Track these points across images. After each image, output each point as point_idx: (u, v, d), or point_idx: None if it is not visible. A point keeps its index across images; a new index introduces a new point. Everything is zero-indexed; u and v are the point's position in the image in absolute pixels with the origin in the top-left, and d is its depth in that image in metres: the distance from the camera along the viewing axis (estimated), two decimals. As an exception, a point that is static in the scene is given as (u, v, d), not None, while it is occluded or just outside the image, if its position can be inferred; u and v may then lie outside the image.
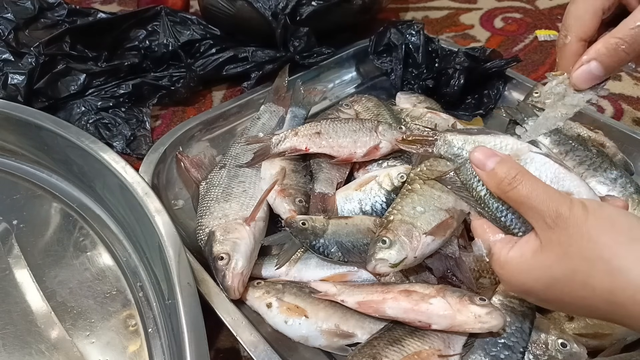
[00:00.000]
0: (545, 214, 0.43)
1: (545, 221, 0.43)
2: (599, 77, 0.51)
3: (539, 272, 0.44)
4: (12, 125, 0.74)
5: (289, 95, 0.92)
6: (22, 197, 0.75)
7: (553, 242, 0.43)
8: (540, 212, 0.43)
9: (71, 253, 0.69)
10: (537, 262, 0.44)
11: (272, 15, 0.98)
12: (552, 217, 0.43)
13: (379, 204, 0.68)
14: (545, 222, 0.43)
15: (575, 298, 0.42)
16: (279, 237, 0.68)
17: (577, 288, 0.42)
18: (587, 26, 0.51)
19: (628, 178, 0.74)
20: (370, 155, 0.75)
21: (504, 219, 0.51)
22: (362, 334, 0.59)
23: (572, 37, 0.51)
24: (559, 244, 0.42)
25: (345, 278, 0.65)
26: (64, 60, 0.93)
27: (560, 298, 0.44)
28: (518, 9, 1.37)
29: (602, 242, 0.40)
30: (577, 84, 0.52)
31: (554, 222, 0.42)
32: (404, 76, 1.00)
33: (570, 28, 0.52)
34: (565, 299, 0.44)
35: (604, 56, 0.49)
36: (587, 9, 0.51)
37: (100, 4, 1.39)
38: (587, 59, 0.50)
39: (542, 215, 0.43)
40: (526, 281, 0.45)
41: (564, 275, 0.42)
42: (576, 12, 0.52)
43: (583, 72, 0.51)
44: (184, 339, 0.48)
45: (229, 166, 0.77)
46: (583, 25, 0.51)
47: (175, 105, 1.01)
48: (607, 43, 0.48)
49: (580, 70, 0.51)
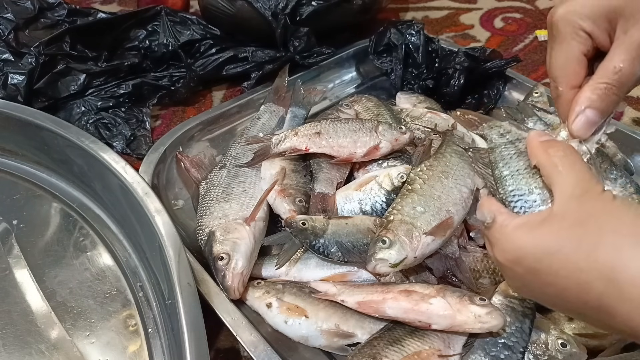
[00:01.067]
0: (578, 182, 0.43)
1: (574, 189, 0.42)
2: (597, 122, 0.49)
3: (542, 237, 0.42)
4: (13, 125, 0.74)
5: (289, 95, 0.92)
6: (22, 197, 0.75)
7: (571, 211, 0.41)
8: (574, 179, 0.43)
9: (71, 253, 0.69)
10: (544, 227, 0.42)
11: (272, 15, 0.98)
12: (583, 187, 0.42)
13: (379, 204, 0.68)
14: (573, 190, 0.42)
15: (572, 272, 0.40)
16: (279, 237, 0.68)
17: (579, 259, 0.39)
18: (575, 74, 0.49)
19: (628, 178, 0.74)
20: (370, 155, 0.75)
21: (514, 204, 0.52)
22: (362, 334, 0.59)
23: (564, 88, 0.49)
24: (577, 212, 0.41)
25: (345, 278, 0.65)
26: (64, 60, 0.94)
27: (554, 271, 0.41)
28: (518, 9, 1.37)
29: (622, 219, 0.40)
30: (580, 135, 0.50)
31: (582, 192, 0.42)
32: (404, 76, 1.00)
33: (558, 79, 0.50)
34: (559, 273, 0.41)
35: (597, 102, 0.47)
36: (568, 58, 0.49)
37: (100, 4, 1.38)
38: (580, 109, 0.48)
39: (574, 182, 0.43)
40: (523, 245, 0.43)
41: (570, 242, 0.40)
42: (557, 63, 0.50)
43: (581, 123, 0.49)
44: (184, 339, 0.48)
45: (229, 166, 0.77)
46: (570, 74, 0.49)
47: (175, 105, 1.01)
48: (596, 89, 0.47)
49: (577, 121, 0.49)
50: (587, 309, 0.41)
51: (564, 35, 0.48)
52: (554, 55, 0.49)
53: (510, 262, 0.44)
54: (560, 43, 0.48)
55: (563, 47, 0.48)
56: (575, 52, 0.48)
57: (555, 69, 0.50)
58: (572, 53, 0.48)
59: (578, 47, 0.48)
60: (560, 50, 0.49)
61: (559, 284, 0.41)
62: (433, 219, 0.61)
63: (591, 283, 0.39)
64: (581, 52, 0.48)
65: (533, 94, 0.91)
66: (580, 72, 0.48)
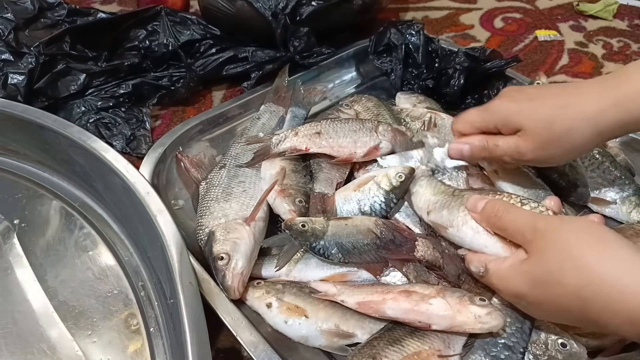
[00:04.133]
0: (525, 231, 0.51)
1: (525, 237, 0.51)
2: (465, 157, 0.66)
3: (524, 276, 0.50)
4: (14, 125, 0.74)
5: (289, 95, 0.92)
6: (23, 196, 0.75)
7: (533, 251, 0.50)
8: (521, 231, 0.51)
9: (73, 252, 0.69)
10: (522, 268, 0.50)
11: (272, 15, 0.98)
12: (530, 232, 0.50)
13: (378, 204, 0.68)
14: (525, 237, 0.51)
15: (552, 297, 0.48)
16: (279, 238, 0.68)
17: (552, 287, 0.47)
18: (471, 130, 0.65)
19: (628, 179, 0.74)
20: (370, 155, 0.75)
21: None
22: (362, 334, 0.59)
23: (457, 130, 0.67)
24: (537, 251, 0.49)
25: (345, 278, 0.65)
26: (64, 60, 0.94)
27: (541, 299, 0.49)
28: (518, 9, 1.38)
29: (572, 243, 0.47)
30: (451, 155, 0.67)
31: (533, 236, 0.50)
32: (404, 76, 1.00)
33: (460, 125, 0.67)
34: (545, 299, 0.49)
35: (475, 148, 0.64)
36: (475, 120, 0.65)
37: (100, 4, 1.39)
38: (463, 141, 0.65)
39: (522, 232, 0.51)
40: (515, 285, 0.51)
41: (542, 274, 0.48)
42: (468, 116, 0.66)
43: (455, 148, 0.66)
44: (186, 339, 0.48)
45: (229, 166, 0.77)
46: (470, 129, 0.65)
47: (175, 105, 1.01)
48: (481, 141, 0.63)
49: (454, 145, 0.66)
50: (581, 322, 0.49)
51: (485, 116, 0.64)
52: (470, 111, 0.66)
53: (513, 300, 0.54)
54: (478, 108, 0.65)
55: (476, 110, 0.65)
56: (478, 119, 0.64)
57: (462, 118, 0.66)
58: (477, 117, 0.64)
59: (480, 124, 0.64)
60: (474, 110, 0.65)
61: (548, 307, 0.49)
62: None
63: (568, 304, 0.46)
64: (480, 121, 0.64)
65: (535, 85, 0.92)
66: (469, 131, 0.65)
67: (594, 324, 0.46)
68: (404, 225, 0.69)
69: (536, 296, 0.49)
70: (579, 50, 1.20)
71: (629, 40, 1.23)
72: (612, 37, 1.24)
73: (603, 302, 0.44)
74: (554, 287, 0.47)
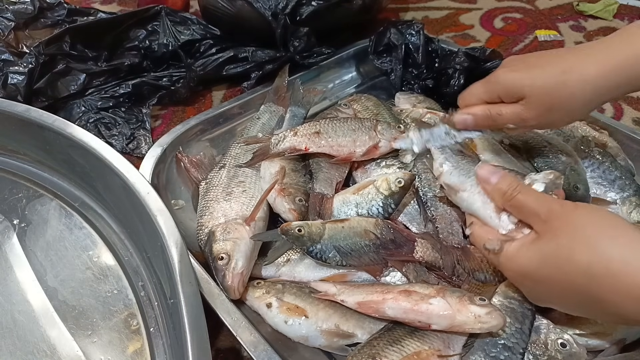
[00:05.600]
0: (540, 211, 0.51)
1: (540, 217, 0.51)
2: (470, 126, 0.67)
3: (533, 254, 0.51)
4: (14, 125, 0.74)
5: (289, 95, 0.92)
6: (23, 196, 0.76)
7: (546, 230, 0.50)
8: (536, 211, 0.51)
9: (73, 252, 0.69)
10: (532, 246, 0.51)
11: (272, 15, 0.98)
12: (545, 213, 0.50)
13: (376, 208, 0.68)
14: (540, 218, 0.51)
15: (559, 274, 0.48)
16: (270, 234, 0.68)
17: (561, 263, 0.48)
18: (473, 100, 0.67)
19: (628, 179, 0.74)
20: (369, 154, 0.75)
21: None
22: (362, 334, 0.59)
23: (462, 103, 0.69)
24: (551, 230, 0.49)
25: (345, 278, 0.65)
26: (64, 60, 0.94)
27: (548, 277, 0.50)
28: (518, 9, 1.38)
29: (586, 224, 0.48)
30: (455, 122, 0.68)
31: (547, 216, 0.50)
32: (403, 76, 1.00)
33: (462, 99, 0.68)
34: (552, 277, 0.49)
35: (479, 118, 0.66)
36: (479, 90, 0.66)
37: (100, 4, 1.39)
38: (466, 112, 0.67)
39: (537, 213, 0.51)
40: (523, 263, 0.52)
41: (552, 251, 0.49)
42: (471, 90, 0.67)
43: (460, 118, 0.67)
44: (186, 339, 0.48)
45: (228, 166, 0.77)
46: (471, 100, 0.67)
47: (175, 105, 1.02)
48: (484, 110, 0.65)
49: (458, 115, 0.68)
50: (583, 304, 0.49)
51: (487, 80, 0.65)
52: (474, 84, 0.67)
53: (520, 278, 0.53)
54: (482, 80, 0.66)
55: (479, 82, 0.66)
56: (481, 90, 0.65)
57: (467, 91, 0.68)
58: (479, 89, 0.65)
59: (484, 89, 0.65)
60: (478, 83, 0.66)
61: (556, 287, 0.50)
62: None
63: (577, 282, 0.47)
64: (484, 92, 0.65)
65: None
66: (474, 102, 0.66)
67: (597, 303, 0.47)
68: (402, 226, 0.69)
69: (543, 274, 0.50)
70: (579, 50, 1.20)
71: (629, 40, 1.22)
72: (612, 37, 1.24)
73: (610, 279, 0.44)
74: (564, 263, 0.47)
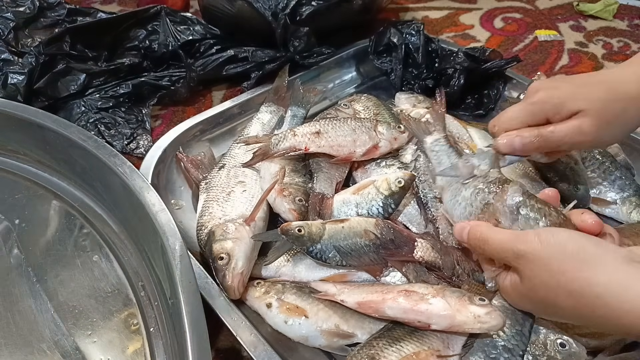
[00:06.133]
0: (510, 258, 0.51)
1: (511, 263, 0.52)
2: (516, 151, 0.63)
3: (524, 297, 0.53)
4: (14, 125, 0.74)
5: (289, 95, 0.92)
6: (23, 196, 0.75)
7: (524, 277, 0.51)
8: (507, 259, 0.52)
9: (73, 252, 0.69)
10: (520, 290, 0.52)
11: (272, 15, 0.98)
12: (513, 258, 0.51)
13: (376, 209, 0.68)
14: (511, 264, 0.52)
15: (553, 315, 0.53)
16: (270, 234, 0.68)
17: (551, 309, 0.50)
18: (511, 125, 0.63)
19: (629, 179, 0.75)
20: (369, 154, 0.75)
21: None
22: (362, 334, 0.59)
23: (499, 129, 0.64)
24: (527, 278, 0.50)
25: (345, 278, 0.65)
26: (64, 60, 0.94)
27: (544, 315, 0.55)
28: (518, 9, 1.38)
29: (557, 269, 0.47)
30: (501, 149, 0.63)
31: (518, 262, 0.50)
32: (403, 76, 1.00)
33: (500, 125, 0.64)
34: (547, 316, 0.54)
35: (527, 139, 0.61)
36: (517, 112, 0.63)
37: (100, 4, 1.39)
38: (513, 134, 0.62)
39: (507, 259, 0.52)
40: (519, 304, 0.55)
41: (539, 299, 0.50)
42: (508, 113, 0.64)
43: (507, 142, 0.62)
44: (186, 339, 0.48)
45: (228, 166, 0.77)
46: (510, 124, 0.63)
47: (175, 105, 1.02)
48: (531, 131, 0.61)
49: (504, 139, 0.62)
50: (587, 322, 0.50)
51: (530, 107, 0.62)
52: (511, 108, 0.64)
53: (521, 307, 0.55)
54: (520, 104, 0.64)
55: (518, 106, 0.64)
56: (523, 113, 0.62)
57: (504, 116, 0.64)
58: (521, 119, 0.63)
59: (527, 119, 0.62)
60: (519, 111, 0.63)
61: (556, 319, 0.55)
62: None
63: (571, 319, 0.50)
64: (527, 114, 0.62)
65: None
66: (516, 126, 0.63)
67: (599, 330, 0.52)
68: (402, 226, 0.69)
69: (539, 313, 0.55)
70: (578, 50, 1.20)
71: (629, 40, 1.23)
72: (612, 37, 1.24)
73: (601, 319, 0.45)
74: (553, 309, 0.50)
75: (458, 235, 0.58)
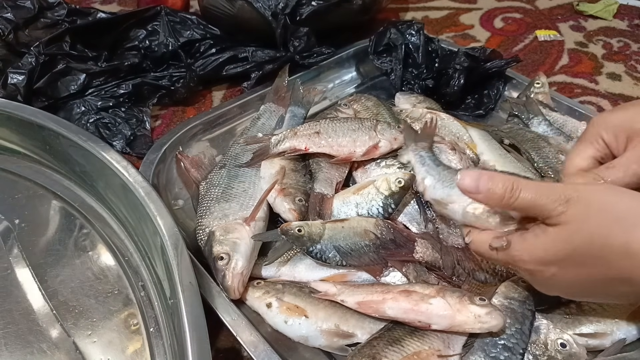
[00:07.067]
0: (556, 203, 0.46)
1: (557, 209, 0.46)
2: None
3: (558, 245, 0.47)
4: (14, 125, 0.74)
5: (289, 95, 0.92)
6: (23, 196, 0.75)
7: (569, 220, 0.46)
8: (551, 205, 0.47)
9: (72, 252, 0.69)
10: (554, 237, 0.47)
11: (272, 15, 0.98)
12: (562, 202, 0.46)
13: (376, 209, 0.68)
14: (557, 209, 0.46)
15: (595, 259, 0.46)
16: (270, 234, 0.68)
17: (595, 252, 0.45)
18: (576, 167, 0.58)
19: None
20: (369, 154, 0.75)
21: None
22: (362, 334, 0.59)
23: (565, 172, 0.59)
24: (575, 220, 0.46)
25: (345, 278, 0.65)
26: (64, 60, 0.94)
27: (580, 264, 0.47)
28: (518, 9, 1.38)
29: (615, 206, 0.45)
30: None
31: (566, 205, 0.46)
32: (403, 76, 1.00)
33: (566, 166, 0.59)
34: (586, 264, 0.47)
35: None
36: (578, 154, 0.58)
37: (100, 4, 1.39)
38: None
39: (553, 206, 0.46)
40: (545, 255, 0.48)
41: (584, 242, 0.46)
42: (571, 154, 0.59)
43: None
44: (186, 339, 0.48)
45: (228, 166, 0.77)
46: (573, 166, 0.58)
47: (175, 105, 1.01)
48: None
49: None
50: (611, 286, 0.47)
51: (586, 137, 0.58)
52: (574, 148, 0.59)
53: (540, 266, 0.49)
54: (581, 141, 0.59)
55: (580, 146, 0.58)
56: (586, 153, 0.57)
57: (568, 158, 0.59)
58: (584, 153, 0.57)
59: (591, 151, 0.57)
60: (578, 147, 0.58)
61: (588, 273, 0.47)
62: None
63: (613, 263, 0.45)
64: (591, 154, 0.57)
65: (535, 84, 0.92)
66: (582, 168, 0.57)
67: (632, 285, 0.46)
68: (402, 226, 0.69)
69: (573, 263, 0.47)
70: (578, 50, 1.20)
71: (629, 40, 1.23)
72: (612, 37, 1.24)
73: None
74: (598, 250, 0.45)
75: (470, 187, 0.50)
